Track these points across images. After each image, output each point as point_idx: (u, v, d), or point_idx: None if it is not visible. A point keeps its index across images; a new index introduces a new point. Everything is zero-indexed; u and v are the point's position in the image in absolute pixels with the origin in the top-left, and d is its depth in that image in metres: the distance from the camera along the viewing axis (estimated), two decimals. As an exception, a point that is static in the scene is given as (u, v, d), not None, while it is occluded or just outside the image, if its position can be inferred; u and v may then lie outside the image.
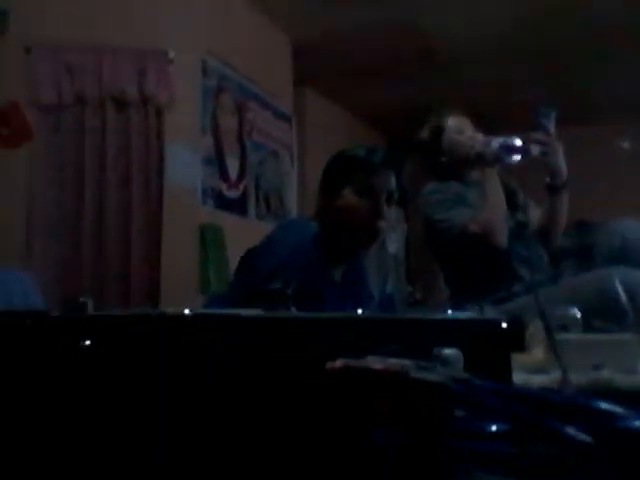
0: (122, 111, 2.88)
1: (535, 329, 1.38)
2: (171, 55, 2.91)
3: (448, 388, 0.51)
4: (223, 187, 3.27)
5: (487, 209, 1.76)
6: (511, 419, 0.50)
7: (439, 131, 1.98)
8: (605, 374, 1.08)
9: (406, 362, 0.54)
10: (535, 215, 1.97)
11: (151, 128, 2.97)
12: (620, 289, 1.43)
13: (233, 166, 3.38)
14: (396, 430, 0.50)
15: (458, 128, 1.94)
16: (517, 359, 1.32)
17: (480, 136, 1.91)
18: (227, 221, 3.27)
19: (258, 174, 3.65)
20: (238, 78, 3.41)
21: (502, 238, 1.74)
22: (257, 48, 3.60)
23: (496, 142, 1.76)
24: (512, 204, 1.87)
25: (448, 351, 0.61)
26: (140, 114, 2.88)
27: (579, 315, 1.30)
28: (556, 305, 1.62)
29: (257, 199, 3.63)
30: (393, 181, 1.49)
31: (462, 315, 0.87)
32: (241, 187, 3.43)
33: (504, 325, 0.77)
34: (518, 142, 1.72)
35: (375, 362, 0.54)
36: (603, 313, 1.39)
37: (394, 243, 4.76)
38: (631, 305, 1.44)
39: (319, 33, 3.84)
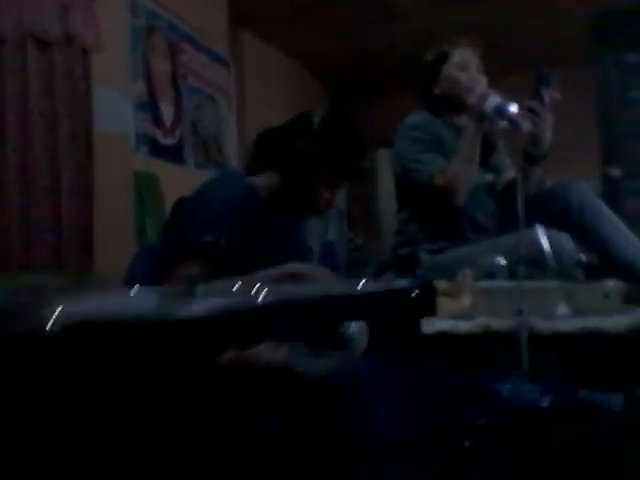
0: (45, 51, 2.70)
1: (463, 277, 1.41)
2: (96, -8, 2.73)
3: (332, 379, 0.50)
4: (158, 134, 3.16)
5: (456, 164, 1.70)
6: (399, 405, 0.50)
7: (442, 59, 1.87)
8: (527, 319, 1.11)
9: (297, 349, 0.53)
10: (507, 176, 1.93)
11: (77, 70, 2.80)
12: (545, 242, 1.46)
13: (168, 112, 3.26)
14: (285, 419, 0.50)
15: (463, 63, 1.84)
16: (444, 305, 1.35)
17: (482, 80, 1.82)
18: (163, 169, 3.16)
19: (195, 120, 3.54)
20: (169, 17, 3.24)
21: (461, 198, 1.71)
22: (190, -14, 3.43)
23: (493, 100, 1.65)
24: (486, 162, 1.84)
25: (354, 327, 0.60)
26: (64, 54, 2.71)
27: (504, 263, 1.33)
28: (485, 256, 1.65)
29: (195, 146, 3.53)
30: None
31: (371, 287, 0.86)
32: (177, 134, 3.32)
33: (414, 294, 0.77)
34: (514, 109, 1.61)
35: (267, 351, 0.53)
36: (528, 264, 1.42)
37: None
38: (554, 258, 1.48)
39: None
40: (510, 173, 1.95)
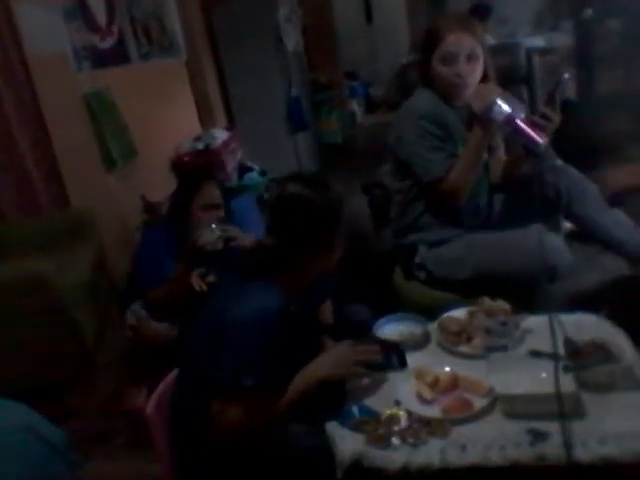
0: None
1: (473, 316, 1.43)
2: None
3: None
4: (95, 40, 2.87)
5: (461, 169, 1.63)
6: None
7: (432, 46, 1.67)
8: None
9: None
10: (499, 154, 1.87)
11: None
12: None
13: (99, 9, 2.91)
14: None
15: (449, 56, 1.65)
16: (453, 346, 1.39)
17: (472, 73, 1.65)
18: (110, 76, 2.94)
19: (129, 4, 3.18)
20: None
21: (462, 201, 1.68)
22: None
23: (500, 109, 1.50)
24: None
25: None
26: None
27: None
28: (490, 255, 1.67)
29: (135, 36, 3.22)
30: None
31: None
32: (114, 30, 3.01)
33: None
34: (522, 115, 1.47)
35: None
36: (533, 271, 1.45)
37: (291, 37, 4.42)
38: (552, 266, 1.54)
39: None
40: (501, 151, 1.87)
